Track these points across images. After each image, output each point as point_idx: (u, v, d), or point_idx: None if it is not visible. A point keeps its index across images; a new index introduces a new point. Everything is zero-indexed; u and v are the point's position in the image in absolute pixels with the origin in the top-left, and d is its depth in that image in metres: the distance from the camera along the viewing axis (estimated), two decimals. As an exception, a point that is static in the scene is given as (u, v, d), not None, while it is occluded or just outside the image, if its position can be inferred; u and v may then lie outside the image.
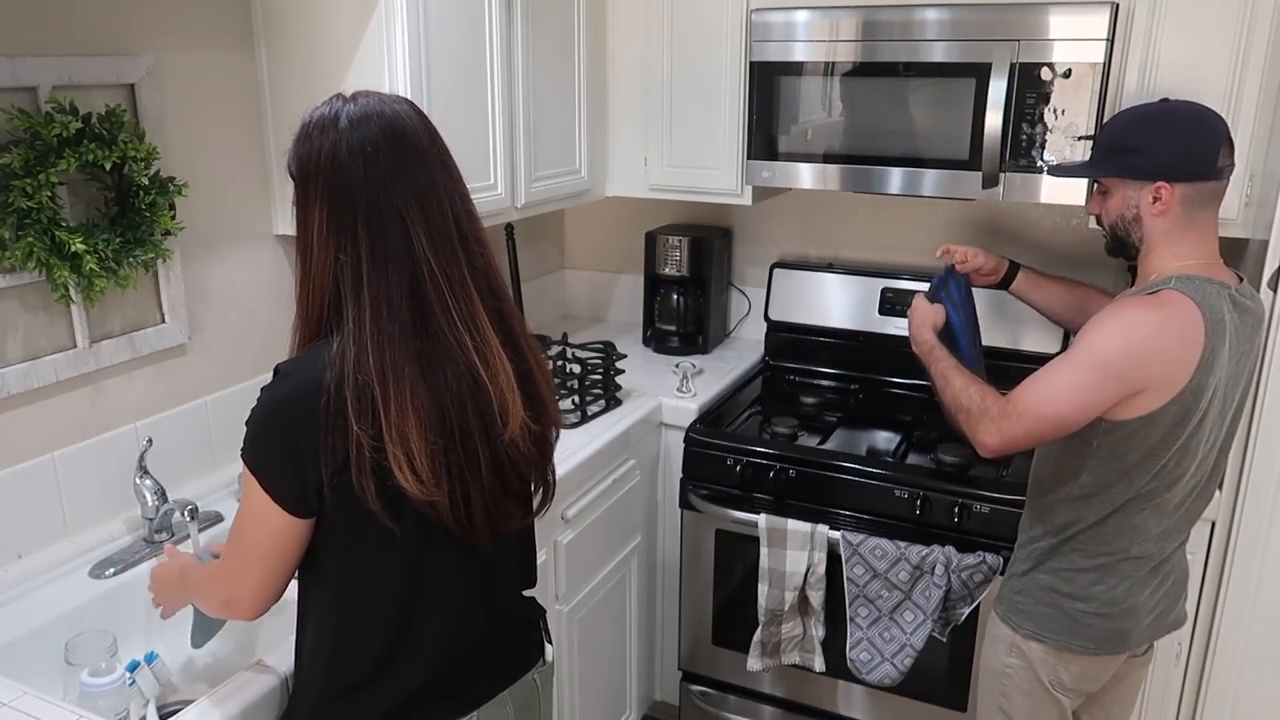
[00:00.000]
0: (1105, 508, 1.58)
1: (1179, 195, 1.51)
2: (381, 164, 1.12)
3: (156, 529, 1.69)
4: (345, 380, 1.07)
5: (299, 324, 1.18)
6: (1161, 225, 1.54)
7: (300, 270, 1.16)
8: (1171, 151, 1.52)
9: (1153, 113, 1.59)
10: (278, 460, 1.12)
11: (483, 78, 1.99)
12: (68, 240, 1.50)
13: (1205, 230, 1.55)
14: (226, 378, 1.91)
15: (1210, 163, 1.51)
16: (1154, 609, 1.66)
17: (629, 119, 2.47)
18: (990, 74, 2.00)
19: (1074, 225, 2.36)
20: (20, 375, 1.54)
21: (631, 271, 2.95)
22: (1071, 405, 1.50)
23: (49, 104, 1.49)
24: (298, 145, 1.16)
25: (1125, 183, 1.57)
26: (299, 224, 1.16)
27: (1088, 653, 1.65)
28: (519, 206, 2.17)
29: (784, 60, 2.20)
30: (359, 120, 1.14)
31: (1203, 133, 1.53)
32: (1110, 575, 1.62)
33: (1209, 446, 1.57)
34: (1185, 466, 1.55)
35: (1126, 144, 1.57)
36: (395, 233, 1.11)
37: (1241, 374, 1.56)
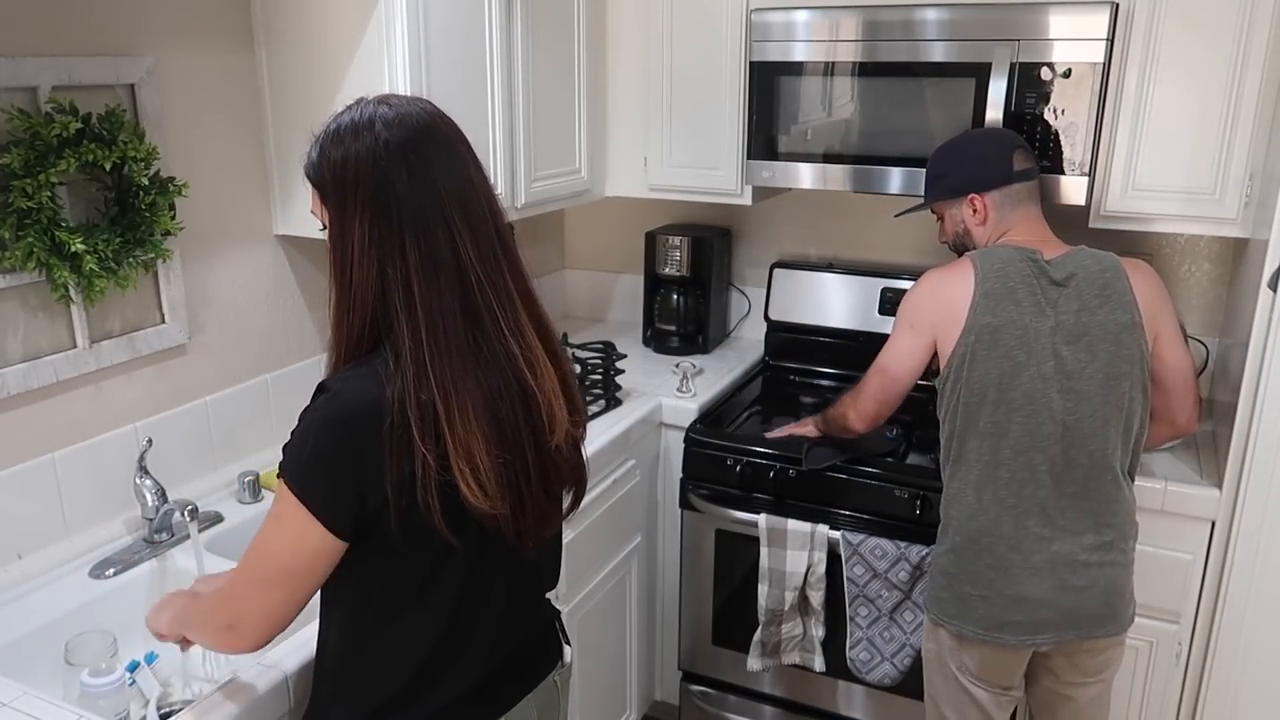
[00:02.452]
0: (952, 472, 1.73)
1: (990, 202, 1.80)
2: (425, 170, 1.09)
3: (156, 529, 1.69)
4: (408, 400, 1.04)
5: (338, 343, 1.13)
6: (984, 230, 1.82)
7: (337, 286, 1.11)
8: (969, 167, 1.83)
9: (950, 143, 1.90)
10: (330, 479, 1.06)
11: (482, 78, 1.99)
12: (68, 240, 1.50)
13: (1026, 223, 1.80)
14: (226, 378, 1.91)
15: (1004, 169, 1.79)
16: (1052, 603, 1.67)
17: (629, 119, 2.47)
18: (990, 74, 2.00)
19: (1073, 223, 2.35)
20: (20, 375, 1.54)
21: (631, 271, 2.95)
22: (889, 355, 1.82)
23: (49, 104, 1.49)
24: (330, 152, 1.10)
25: (948, 204, 1.86)
26: (335, 237, 1.11)
27: (979, 639, 1.71)
28: (519, 206, 2.17)
29: (784, 60, 2.20)
30: (395, 123, 1.09)
31: (990, 147, 1.84)
32: (984, 554, 1.69)
33: (1050, 411, 1.63)
34: (1011, 421, 1.65)
35: (937, 172, 1.89)
36: (443, 241, 1.08)
37: (1081, 333, 1.65)
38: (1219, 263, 2.32)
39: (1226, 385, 2.09)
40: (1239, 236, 2.00)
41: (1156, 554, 1.92)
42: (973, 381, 1.68)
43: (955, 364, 1.70)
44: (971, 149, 1.87)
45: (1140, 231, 2.19)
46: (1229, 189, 1.95)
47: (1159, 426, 1.79)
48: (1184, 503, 1.90)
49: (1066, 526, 1.67)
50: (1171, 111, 1.96)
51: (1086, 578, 1.68)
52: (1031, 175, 1.81)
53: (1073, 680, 1.78)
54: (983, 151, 1.84)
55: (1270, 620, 1.85)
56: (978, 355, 1.67)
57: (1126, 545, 1.72)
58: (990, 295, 1.67)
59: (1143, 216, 2.04)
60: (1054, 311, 1.66)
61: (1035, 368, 1.65)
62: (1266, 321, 1.75)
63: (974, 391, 1.68)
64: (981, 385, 1.67)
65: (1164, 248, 2.35)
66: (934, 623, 1.79)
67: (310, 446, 1.07)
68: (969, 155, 1.85)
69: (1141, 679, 2.02)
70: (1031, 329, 1.65)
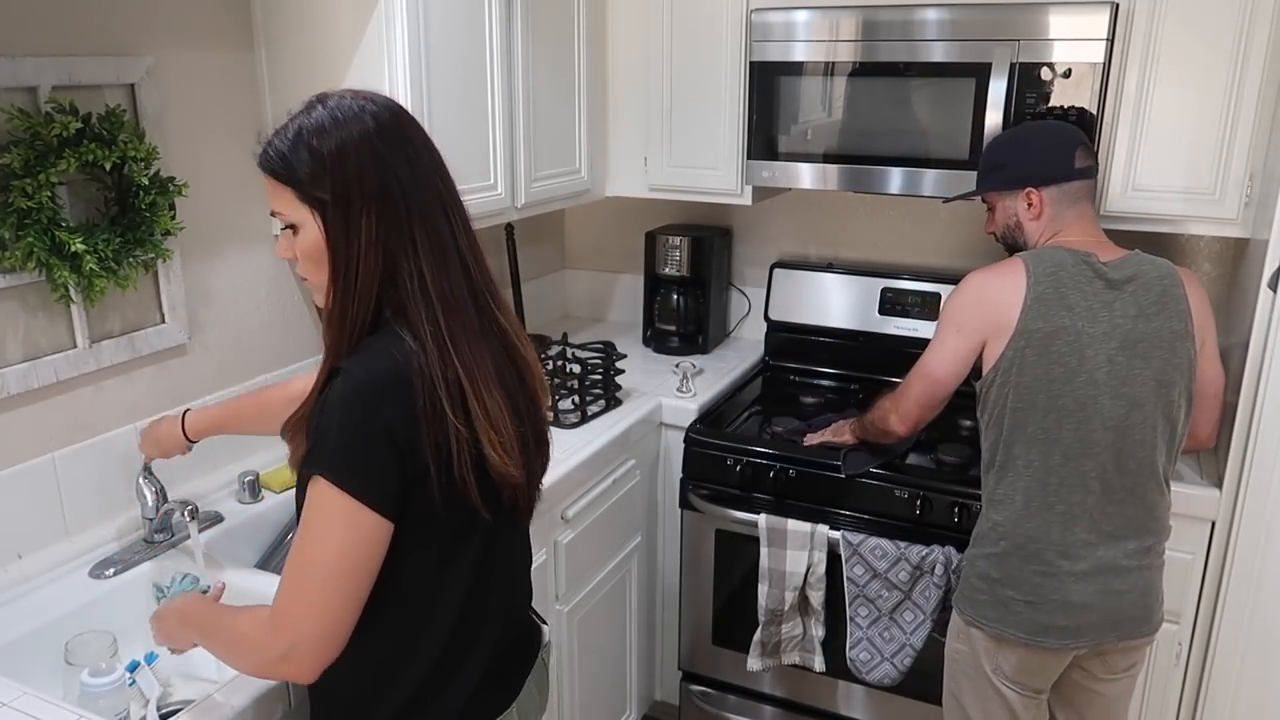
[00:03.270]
0: (999, 478, 1.70)
1: (1047, 197, 1.75)
2: (418, 158, 1.12)
3: (156, 529, 1.69)
4: (436, 379, 1.07)
5: (337, 338, 1.12)
6: (1038, 226, 1.77)
7: (340, 282, 1.10)
8: (1030, 161, 1.77)
9: (1012, 133, 1.88)
10: (368, 459, 1.06)
11: (483, 78, 1.99)
12: (68, 240, 1.50)
13: (1080, 222, 1.75)
14: (226, 377, 1.91)
15: (1067, 165, 1.74)
16: (1096, 608, 1.66)
17: (629, 119, 2.47)
18: (990, 74, 2.00)
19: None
20: (20, 375, 1.54)
21: (631, 271, 2.95)
22: (934, 358, 1.77)
23: (49, 104, 1.49)
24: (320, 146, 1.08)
25: (1002, 195, 1.81)
26: (337, 237, 1.09)
27: (1021, 643, 1.69)
28: (519, 206, 2.17)
29: (784, 60, 2.20)
30: (381, 114, 1.11)
31: (1054, 141, 1.79)
32: (1031, 560, 1.67)
33: (1102, 418, 1.62)
34: (1062, 427, 1.62)
35: (993, 163, 1.84)
36: (444, 228, 1.12)
37: (1137, 339, 1.62)
38: (1219, 263, 2.32)
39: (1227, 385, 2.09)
40: (1239, 236, 2.00)
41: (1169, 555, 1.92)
42: (1022, 387, 1.64)
43: (1003, 368, 1.66)
44: (1035, 141, 1.82)
45: (1140, 232, 2.18)
46: (1229, 189, 1.95)
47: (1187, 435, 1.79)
48: (1184, 503, 1.90)
49: (1112, 532, 1.66)
50: (1171, 111, 1.96)
51: (1127, 581, 1.67)
52: (1091, 174, 1.78)
53: (1102, 677, 1.77)
54: (1047, 144, 1.78)
55: (1270, 620, 1.85)
56: (1028, 360, 1.63)
57: (1162, 548, 1.72)
58: (1042, 300, 1.63)
59: (1143, 216, 2.04)
60: (1109, 315, 1.63)
61: (1088, 374, 1.62)
62: (1266, 321, 1.75)
63: (1023, 397, 1.65)
64: (1031, 391, 1.64)
65: (1164, 248, 2.35)
66: (968, 623, 1.75)
67: (337, 432, 1.06)
68: (1032, 147, 1.80)
69: (1141, 679, 2.02)
70: (1085, 335, 1.62)
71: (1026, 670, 1.72)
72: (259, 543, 1.83)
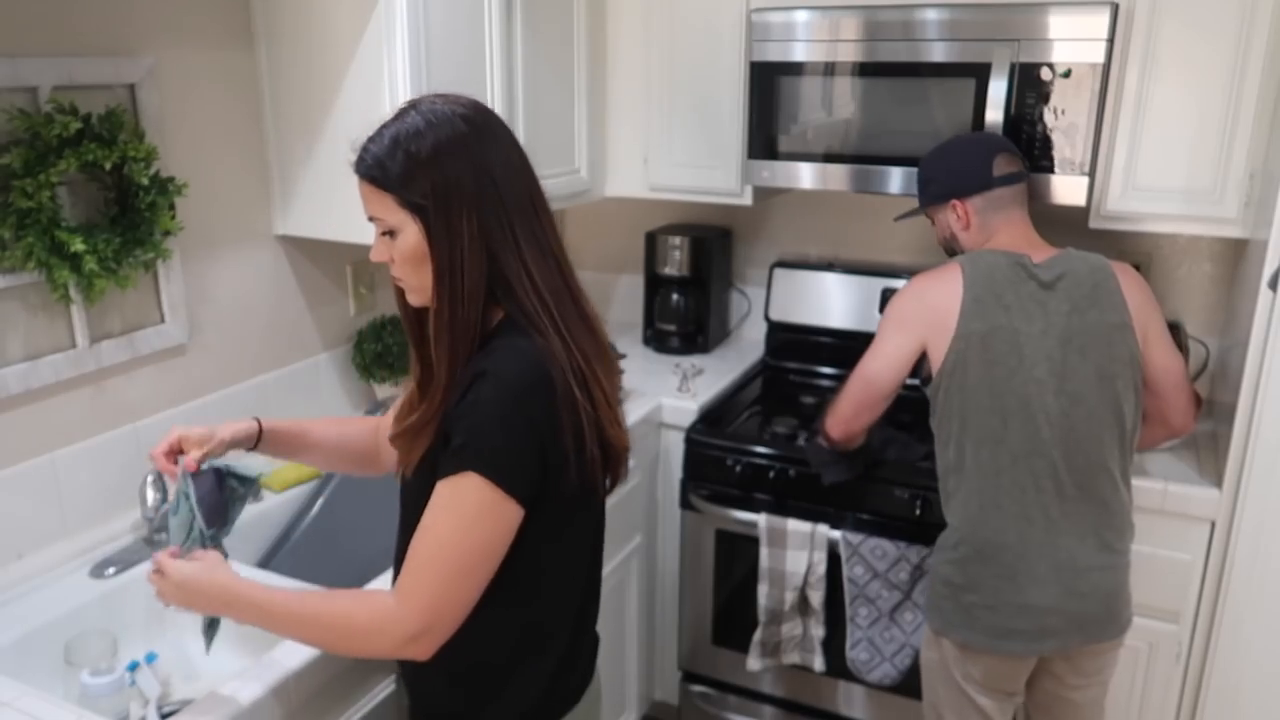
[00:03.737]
0: (953, 481, 1.72)
1: (972, 207, 1.80)
2: (512, 158, 1.15)
3: (157, 529, 1.69)
4: (566, 370, 1.13)
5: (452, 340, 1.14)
6: (969, 235, 1.82)
7: (448, 287, 1.12)
8: (951, 173, 1.84)
9: (936, 149, 1.91)
10: (522, 457, 1.11)
11: (482, 77, 1.99)
12: (68, 240, 1.50)
13: (1011, 226, 1.79)
14: (227, 377, 1.91)
15: (985, 175, 1.79)
16: (1058, 610, 1.66)
17: (629, 118, 2.47)
18: (990, 74, 2.00)
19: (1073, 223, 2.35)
20: (20, 375, 1.54)
21: (631, 272, 2.95)
22: (873, 360, 1.80)
23: (49, 104, 1.49)
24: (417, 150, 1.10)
25: (936, 210, 1.87)
26: (440, 240, 1.11)
27: (986, 649, 1.70)
28: (519, 206, 2.17)
29: (784, 60, 2.20)
30: (472, 116, 1.14)
31: (971, 152, 1.84)
32: (990, 564, 1.68)
33: (1046, 415, 1.64)
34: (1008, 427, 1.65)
35: (924, 178, 1.91)
36: (537, 223, 1.16)
37: (1073, 335, 1.65)
38: (1219, 263, 2.32)
39: (1226, 385, 2.09)
40: (1239, 237, 2.00)
41: (1156, 554, 1.92)
42: (966, 389, 1.68)
43: (947, 370, 1.69)
44: (953, 155, 1.88)
45: (1140, 232, 2.19)
46: (1229, 189, 1.95)
47: (1154, 428, 1.80)
48: (1184, 503, 1.90)
49: (1069, 531, 1.67)
50: (1171, 112, 1.96)
51: (1090, 583, 1.67)
52: (1016, 179, 1.81)
53: (1073, 683, 1.78)
54: (964, 157, 1.85)
55: (1270, 620, 1.85)
56: (970, 362, 1.67)
57: (1125, 548, 1.72)
58: (978, 300, 1.67)
59: (1143, 216, 2.04)
60: (1044, 314, 1.66)
61: (1027, 372, 1.65)
62: (1266, 321, 1.75)
63: (967, 399, 1.68)
64: (975, 392, 1.67)
65: (1164, 248, 2.35)
66: (936, 632, 1.78)
67: (494, 433, 1.10)
68: (951, 161, 1.86)
69: (1141, 679, 2.02)
70: (1022, 333, 1.65)
71: (995, 675, 1.73)
72: (261, 542, 1.84)
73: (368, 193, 1.15)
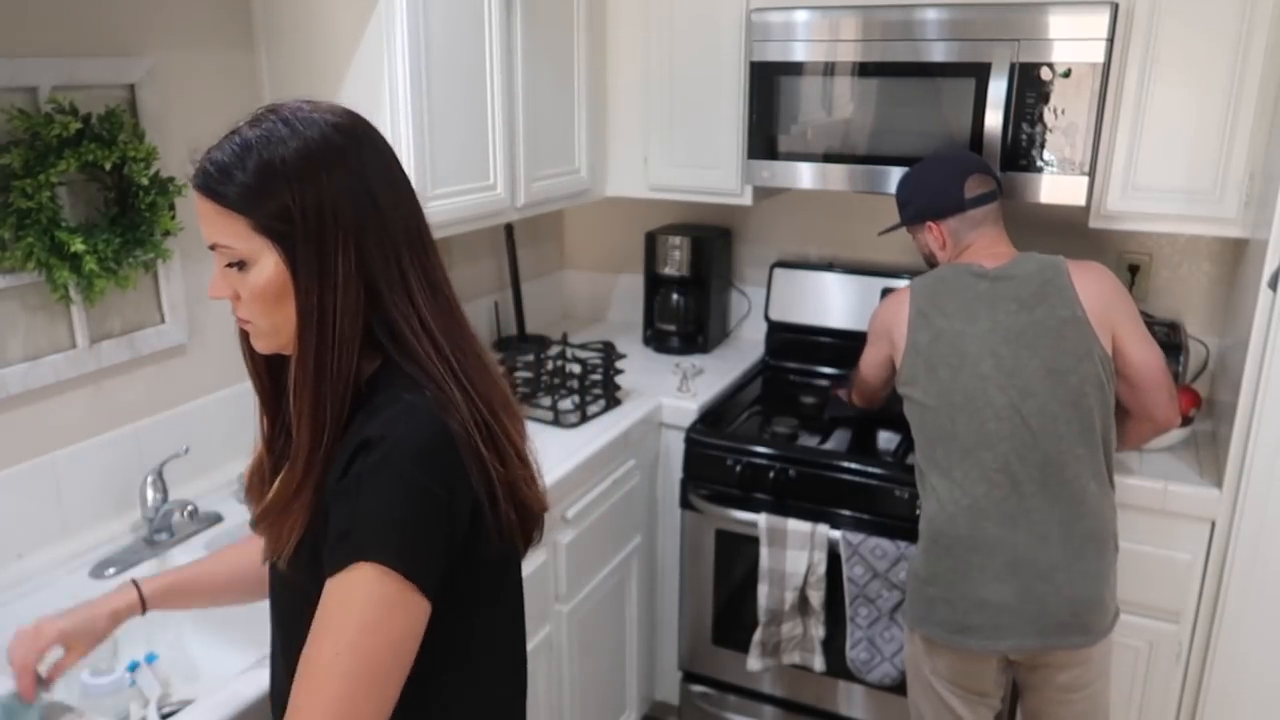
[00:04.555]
0: (920, 479, 1.78)
1: (947, 229, 1.86)
2: (396, 175, 0.97)
3: (156, 529, 1.69)
4: (468, 423, 0.94)
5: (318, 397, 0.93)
6: (946, 252, 1.88)
7: (315, 331, 0.92)
8: (923, 197, 1.89)
9: (911, 171, 1.96)
10: (429, 539, 0.92)
11: (482, 77, 1.99)
12: (67, 240, 1.50)
13: (981, 242, 1.84)
14: (226, 378, 1.91)
15: (957, 198, 1.84)
16: (1014, 609, 1.65)
17: (629, 118, 2.47)
18: (990, 74, 2.00)
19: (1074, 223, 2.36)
20: (20, 375, 1.54)
21: (631, 271, 2.95)
22: (863, 362, 1.99)
23: (49, 104, 1.49)
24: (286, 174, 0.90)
25: (915, 229, 1.92)
26: (308, 274, 0.91)
27: (944, 644, 1.71)
28: (518, 206, 2.17)
29: (784, 60, 2.20)
30: (351, 129, 0.95)
31: (942, 176, 1.89)
32: (944, 556, 1.70)
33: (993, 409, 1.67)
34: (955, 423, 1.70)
35: (901, 200, 1.95)
36: (430, 256, 0.98)
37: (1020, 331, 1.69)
38: (1219, 263, 2.32)
39: (1226, 385, 2.09)
40: (1239, 236, 2.00)
41: (1156, 554, 1.92)
42: (919, 394, 1.75)
43: (902, 381, 1.80)
44: (925, 178, 1.92)
45: (1140, 231, 2.19)
46: (1229, 189, 1.95)
47: (1139, 423, 1.79)
48: (1184, 503, 1.90)
49: (1031, 528, 1.65)
50: (1171, 111, 1.96)
51: (1051, 584, 1.65)
52: (987, 199, 1.85)
53: (1054, 697, 1.76)
54: (935, 181, 1.89)
55: (1270, 620, 1.85)
56: (919, 370, 1.75)
57: (1099, 553, 1.68)
58: (920, 313, 1.77)
59: (1143, 216, 2.04)
60: (990, 313, 1.71)
61: (971, 368, 1.69)
62: (1266, 321, 1.75)
63: (919, 401, 1.75)
64: (925, 394, 1.74)
65: (1164, 248, 2.35)
66: (910, 628, 1.81)
67: (399, 511, 0.90)
68: (923, 185, 1.91)
69: (1141, 679, 2.02)
70: (964, 334, 1.71)
71: (958, 673, 1.74)
72: (259, 543, 1.83)
73: (209, 213, 0.93)
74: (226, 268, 0.94)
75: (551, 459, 2.00)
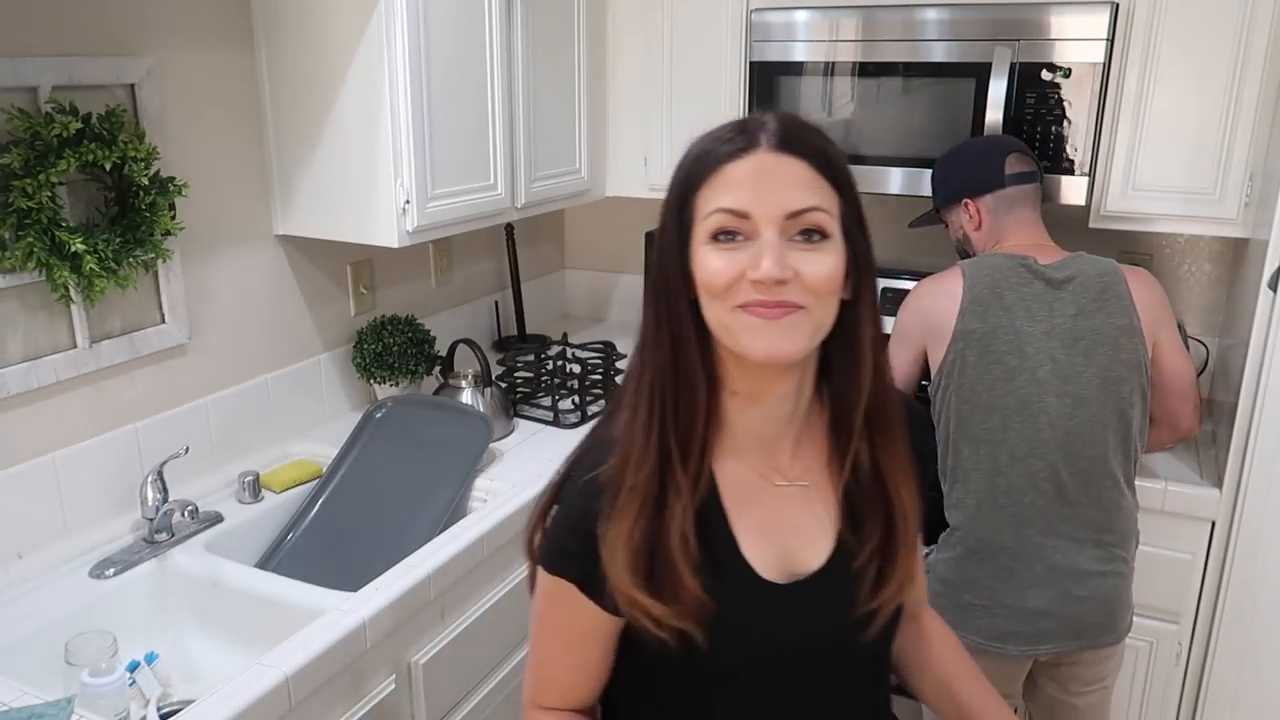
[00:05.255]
0: (952, 481, 1.71)
1: (983, 206, 1.82)
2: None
3: (157, 529, 1.69)
4: None
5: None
6: (981, 236, 1.84)
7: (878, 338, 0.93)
8: (962, 172, 1.86)
9: (949, 150, 1.94)
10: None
11: (483, 77, 1.99)
12: (68, 240, 1.50)
13: (1021, 227, 1.80)
14: (227, 378, 1.91)
15: (997, 173, 1.80)
16: (1055, 614, 1.66)
17: (629, 119, 2.47)
18: (990, 74, 2.00)
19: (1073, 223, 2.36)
20: (20, 375, 1.54)
21: (632, 271, 2.94)
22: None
23: (49, 104, 1.49)
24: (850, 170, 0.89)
25: (949, 211, 1.90)
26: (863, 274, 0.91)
27: (980, 649, 1.68)
28: (519, 206, 2.17)
29: (784, 60, 2.20)
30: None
31: (983, 151, 1.88)
32: (986, 564, 1.67)
33: (1048, 416, 1.62)
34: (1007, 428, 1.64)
35: (937, 180, 1.94)
36: None
37: (1079, 337, 1.64)
38: (1219, 263, 2.32)
39: (1226, 385, 2.09)
40: (1239, 236, 2.00)
41: (1156, 554, 1.92)
42: (964, 388, 1.67)
43: (945, 370, 1.69)
44: (965, 154, 1.90)
45: (1140, 232, 2.19)
46: (1229, 189, 1.95)
47: (1161, 430, 1.79)
48: (1184, 503, 1.90)
49: (1069, 535, 1.66)
50: (1172, 111, 1.96)
51: (1088, 587, 1.67)
52: (1028, 179, 1.82)
53: (1074, 689, 1.77)
54: (976, 156, 1.87)
55: (1270, 620, 1.85)
56: (968, 361, 1.67)
57: (1128, 554, 1.71)
58: (979, 301, 1.67)
59: (1143, 216, 2.04)
60: (1048, 315, 1.66)
61: (1029, 372, 1.64)
62: (1266, 321, 1.75)
63: (965, 398, 1.67)
64: (973, 391, 1.66)
65: (1164, 248, 2.35)
66: None
67: None
68: (963, 160, 1.89)
69: (1141, 679, 2.02)
70: (1024, 333, 1.65)
71: (990, 676, 1.70)
72: (259, 543, 1.83)
73: (804, 178, 0.86)
74: (795, 240, 0.86)
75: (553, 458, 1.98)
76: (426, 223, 1.88)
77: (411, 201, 1.84)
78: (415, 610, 1.54)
